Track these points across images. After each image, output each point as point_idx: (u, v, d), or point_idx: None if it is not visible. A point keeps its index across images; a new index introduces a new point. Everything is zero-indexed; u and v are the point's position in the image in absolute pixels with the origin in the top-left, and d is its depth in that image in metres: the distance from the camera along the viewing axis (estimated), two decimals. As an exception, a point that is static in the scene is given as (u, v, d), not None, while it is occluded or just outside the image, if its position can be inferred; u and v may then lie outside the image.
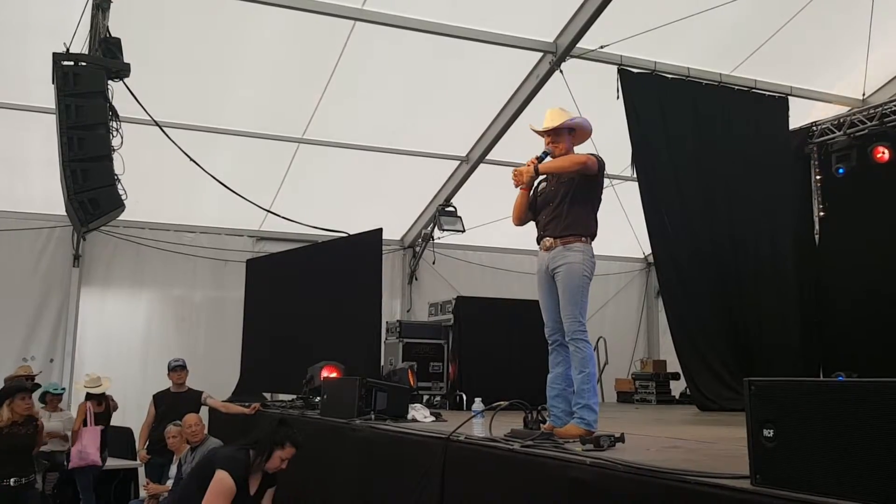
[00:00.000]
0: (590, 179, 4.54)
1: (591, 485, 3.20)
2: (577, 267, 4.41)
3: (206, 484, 4.77)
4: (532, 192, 4.78)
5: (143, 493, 7.86)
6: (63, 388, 8.66)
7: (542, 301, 4.62)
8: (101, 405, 7.84)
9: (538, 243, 4.66)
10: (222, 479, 4.72)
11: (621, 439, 3.90)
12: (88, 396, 7.75)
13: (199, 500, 4.76)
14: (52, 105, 6.56)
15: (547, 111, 4.73)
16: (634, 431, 4.67)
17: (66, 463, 7.69)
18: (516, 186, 4.66)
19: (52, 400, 8.00)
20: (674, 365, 9.79)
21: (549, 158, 4.58)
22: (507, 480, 3.81)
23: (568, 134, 4.65)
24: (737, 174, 9.49)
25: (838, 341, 9.88)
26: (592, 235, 4.54)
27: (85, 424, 7.63)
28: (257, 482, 4.90)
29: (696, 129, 9.37)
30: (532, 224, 4.79)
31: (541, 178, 4.72)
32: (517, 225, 4.85)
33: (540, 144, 4.72)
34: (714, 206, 9.43)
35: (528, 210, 4.76)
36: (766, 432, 2.54)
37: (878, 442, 2.21)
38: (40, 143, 7.90)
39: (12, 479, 5.81)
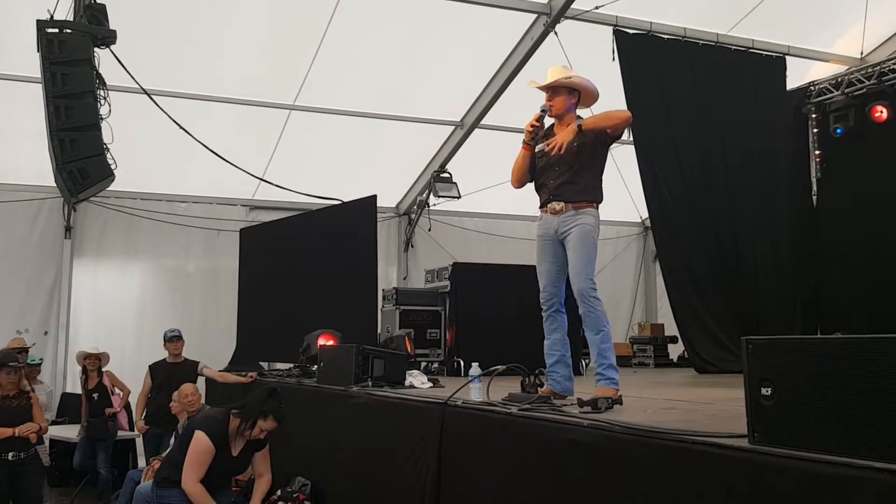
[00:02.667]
0: (604, 144, 4.45)
1: (589, 446, 3.19)
2: (589, 228, 4.33)
3: (187, 442, 4.83)
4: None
5: (141, 464, 7.89)
6: (41, 359, 8.62)
7: (543, 266, 4.51)
8: None
9: (542, 207, 4.53)
10: (200, 440, 4.77)
11: (619, 401, 3.89)
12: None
13: (179, 459, 4.82)
14: (38, 74, 6.46)
15: (549, 68, 4.58)
16: (632, 394, 4.66)
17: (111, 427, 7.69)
18: (531, 139, 4.51)
19: (31, 371, 7.94)
20: (671, 328, 9.79)
21: (545, 114, 4.48)
22: (504, 444, 3.79)
23: (567, 93, 4.50)
24: (734, 136, 9.42)
25: (836, 302, 9.88)
26: (601, 202, 4.44)
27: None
28: (240, 446, 4.95)
29: (692, 90, 9.27)
30: (529, 189, 4.69)
31: (541, 138, 4.58)
32: (516, 187, 4.72)
33: (538, 108, 4.60)
34: (711, 169, 9.36)
35: (528, 171, 4.63)
36: (763, 391, 2.51)
37: (877, 399, 2.19)
38: (27, 112, 7.77)
39: (10, 454, 5.70)
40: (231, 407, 5.02)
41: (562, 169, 4.43)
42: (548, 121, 4.62)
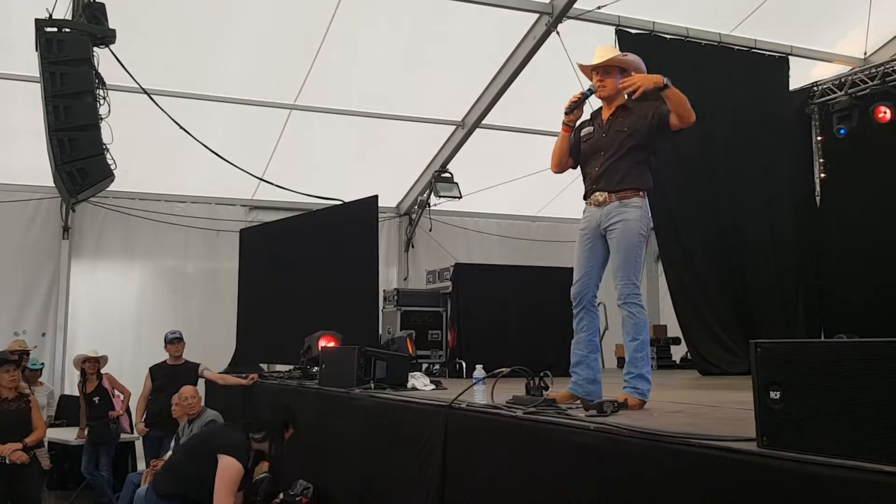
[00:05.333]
0: (658, 131, 4.19)
1: (595, 450, 3.14)
2: (633, 225, 4.08)
3: (200, 460, 4.80)
4: (574, 134, 4.42)
5: (140, 467, 7.85)
6: (42, 364, 8.59)
7: (580, 259, 4.29)
8: None
9: (586, 198, 4.31)
10: (233, 466, 4.73)
11: (625, 405, 3.84)
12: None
13: (190, 475, 4.79)
14: (37, 73, 6.42)
15: (597, 48, 4.37)
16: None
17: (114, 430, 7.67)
18: (567, 114, 4.28)
19: (32, 375, 7.91)
20: (674, 329, 9.74)
21: (591, 94, 4.28)
22: (510, 447, 3.74)
23: (620, 73, 4.26)
24: (737, 136, 9.39)
25: (840, 303, 9.84)
26: (650, 189, 4.19)
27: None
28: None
29: (695, 91, 9.03)
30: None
31: (584, 120, 4.42)
32: (556, 171, 4.50)
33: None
34: (714, 170, 9.34)
35: (570, 155, 4.42)
36: (772, 395, 2.47)
37: (887, 402, 2.15)
38: (25, 112, 7.73)
39: (6, 458, 5.69)
40: (246, 430, 5.04)
41: (607, 154, 4.17)
42: (586, 109, 4.43)
